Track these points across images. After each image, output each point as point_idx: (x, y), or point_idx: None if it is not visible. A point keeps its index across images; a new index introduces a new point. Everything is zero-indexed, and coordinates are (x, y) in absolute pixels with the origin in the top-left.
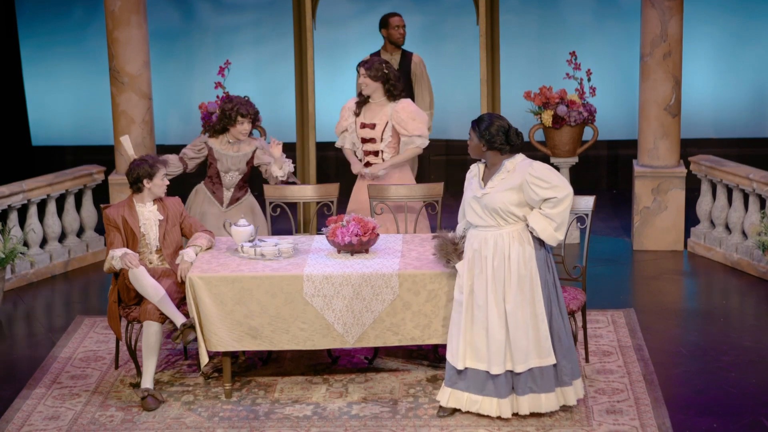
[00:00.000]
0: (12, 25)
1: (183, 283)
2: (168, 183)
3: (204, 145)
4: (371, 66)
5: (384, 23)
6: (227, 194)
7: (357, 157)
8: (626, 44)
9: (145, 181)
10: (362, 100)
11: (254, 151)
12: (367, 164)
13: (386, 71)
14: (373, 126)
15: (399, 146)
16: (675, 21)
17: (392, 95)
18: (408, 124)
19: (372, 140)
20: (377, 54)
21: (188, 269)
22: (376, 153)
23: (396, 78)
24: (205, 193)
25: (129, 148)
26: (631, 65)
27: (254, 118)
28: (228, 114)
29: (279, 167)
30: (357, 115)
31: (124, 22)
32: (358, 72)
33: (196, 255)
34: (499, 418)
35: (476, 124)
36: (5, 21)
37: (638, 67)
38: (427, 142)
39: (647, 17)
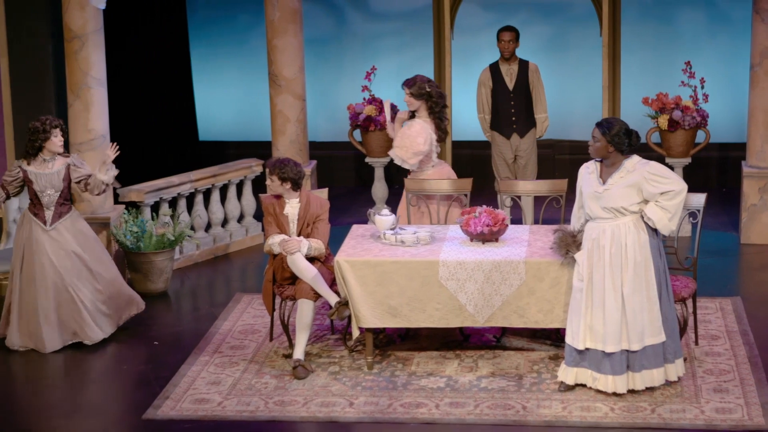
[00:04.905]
0: (183, 30)
1: (323, 263)
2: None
3: (18, 168)
4: (413, 85)
5: (496, 36)
6: (48, 213)
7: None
8: (736, 56)
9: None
10: (411, 115)
11: (68, 167)
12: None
13: (428, 90)
14: None
15: (433, 156)
16: None
17: (434, 111)
18: (395, 139)
19: None
20: (496, 63)
21: (292, 252)
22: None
23: (438, 95)
24: (29, 215)
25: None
26: (740, 75)
27: (63, 129)
28: (40, 130)
29: (104, 172)
30: None
31: (281, 31)
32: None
33: (306, 249)
34: (614, 394)
35: (606, 128)
36: (178, 26)
37: (747, 77)
38: (397, 162)
39: (757, 30)
